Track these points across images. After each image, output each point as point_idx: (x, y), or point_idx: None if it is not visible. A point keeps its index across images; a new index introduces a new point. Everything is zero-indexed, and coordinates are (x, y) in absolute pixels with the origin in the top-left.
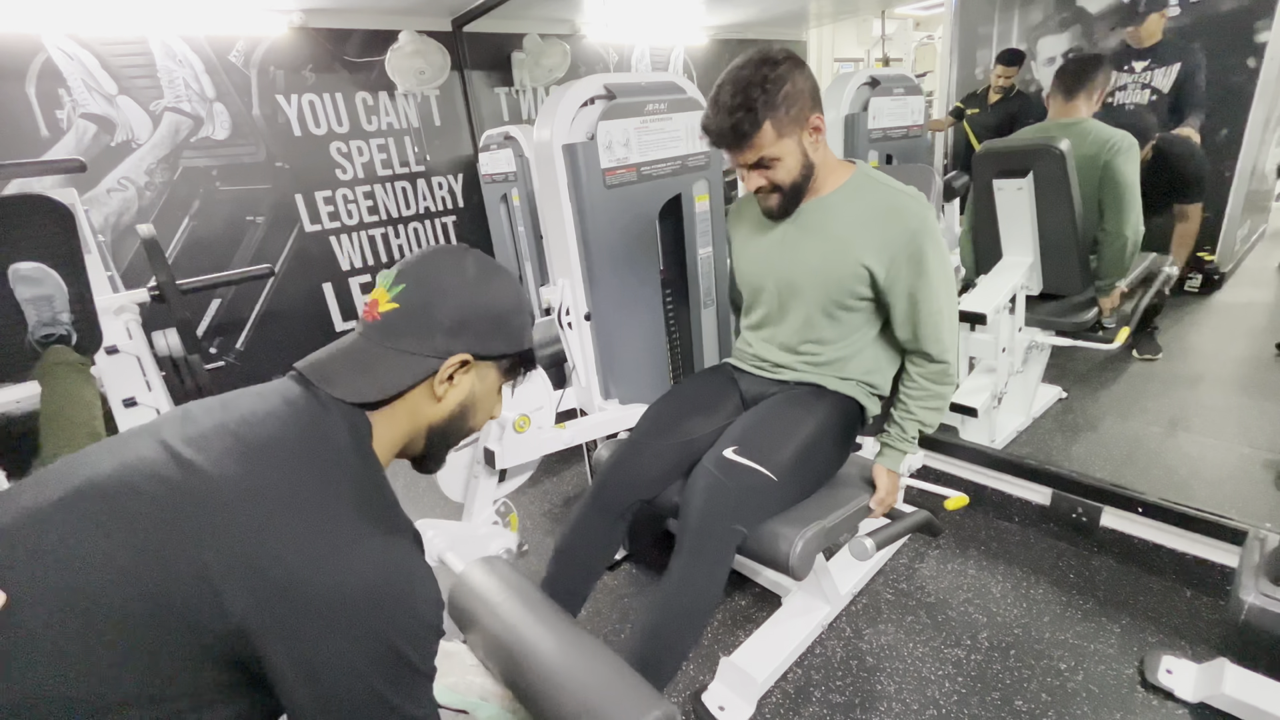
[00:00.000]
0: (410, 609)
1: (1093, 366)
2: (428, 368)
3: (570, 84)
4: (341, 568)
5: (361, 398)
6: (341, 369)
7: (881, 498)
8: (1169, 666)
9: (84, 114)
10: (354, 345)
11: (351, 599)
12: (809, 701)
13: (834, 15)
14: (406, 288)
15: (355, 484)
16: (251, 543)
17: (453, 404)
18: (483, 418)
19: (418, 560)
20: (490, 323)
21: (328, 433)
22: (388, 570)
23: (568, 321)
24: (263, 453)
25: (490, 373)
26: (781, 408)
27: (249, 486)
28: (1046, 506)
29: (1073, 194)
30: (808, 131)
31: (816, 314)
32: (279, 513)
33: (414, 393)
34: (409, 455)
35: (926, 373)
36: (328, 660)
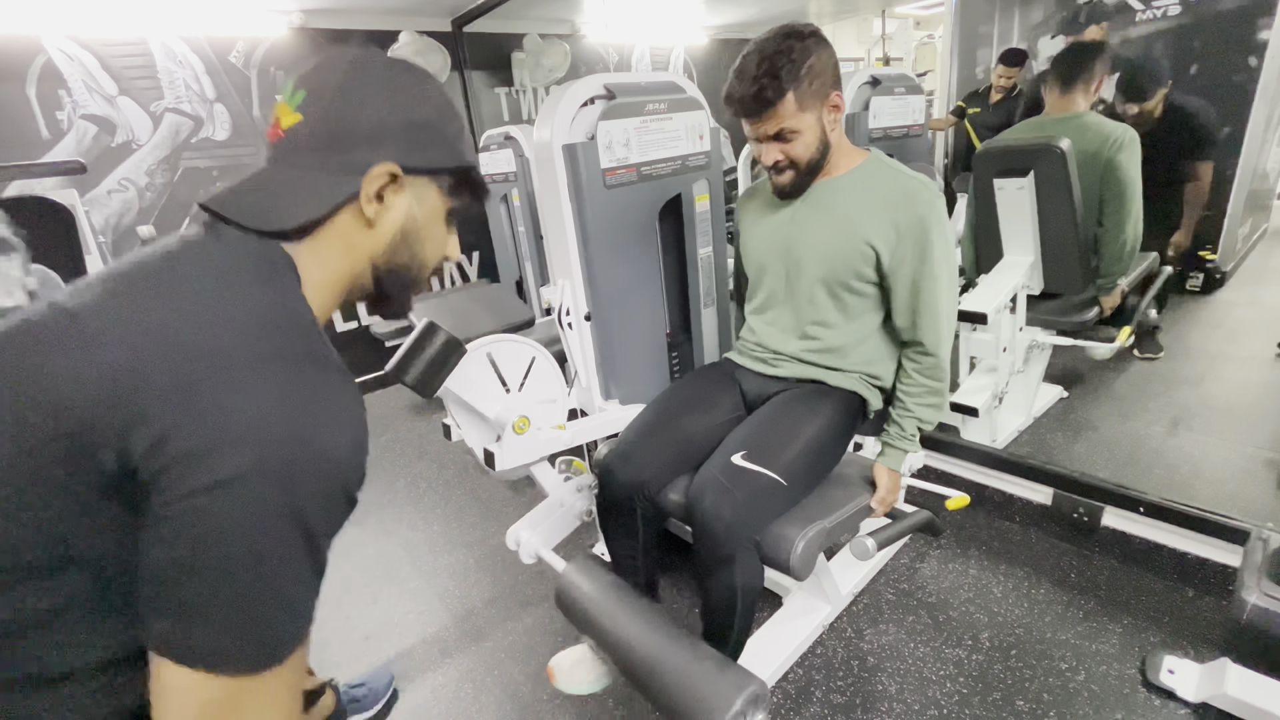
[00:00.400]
0: (314, 455)
1: (1094, 366)
2: (349, 186)
3: (570, 84)
4: (226, 396)
5: (275, 225)
6: (249, 197)
7: (882, 497)
8: (1171, 666)
9: (84, 115)
10: (261, 172)
11: (236, 434)
12: (810, 701)
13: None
14: (310, 95)
15: (250, 306)
16: (121, 370)
17: (390, 229)
18: (433, 251)
19: (336, 397)
20: (416, 128)
21: (225, 260)
22: (287, 403)
23: (568, 322)
24: (142, 280)
25: (429, 193)
26: (784, 409)
27: (121, 308)
28: (1048, 506)
29: (1074, 193)
30: (828, 109)
31: (821, 294)
32: (153, 329)
33: (340, 219)
34: (361, 298)
35: (921, 367)
36: (200, 503)
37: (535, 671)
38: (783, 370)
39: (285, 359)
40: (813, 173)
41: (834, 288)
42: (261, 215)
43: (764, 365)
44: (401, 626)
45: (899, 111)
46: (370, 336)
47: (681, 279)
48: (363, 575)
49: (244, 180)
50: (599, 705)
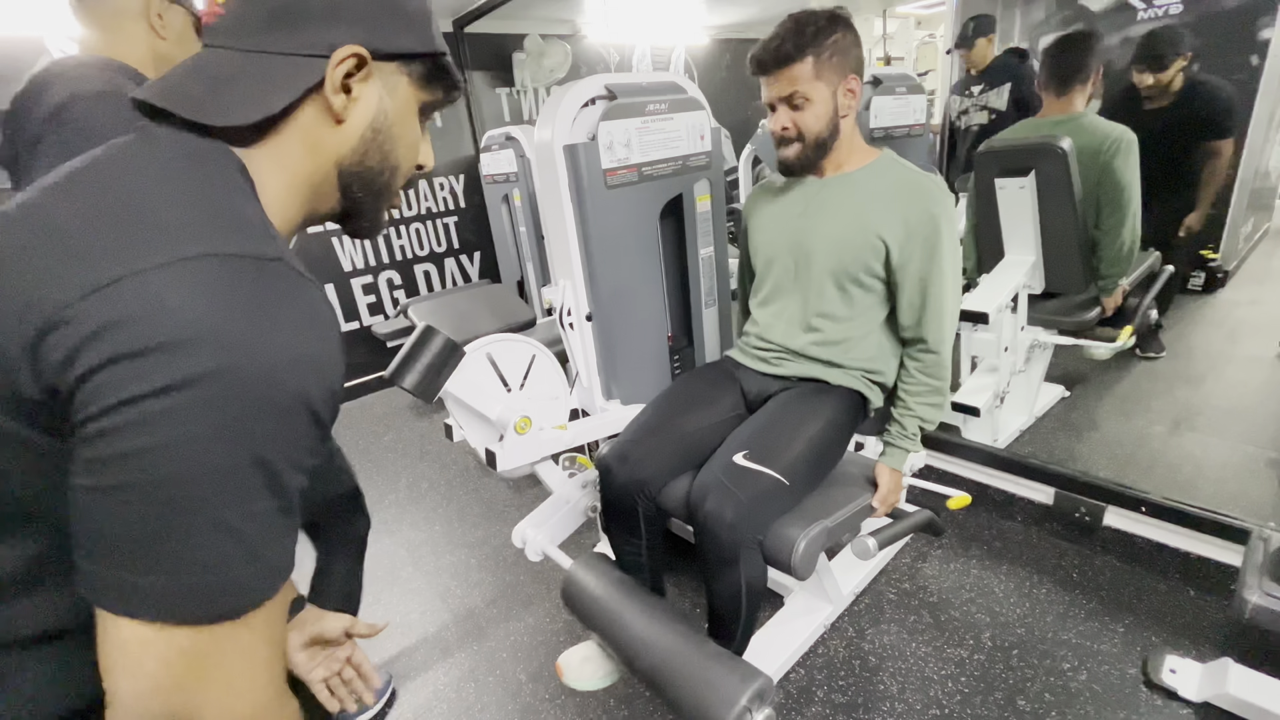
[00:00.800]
0: (268, 360)
1: (1095, 365)
2: (310, 71)
3: (571, 84)
4: (151, 294)
5: (221, 120)
6: (189, 87)
7: (883, 496)
8: (1173, 666)
9: None
10: (199, 58)
11: (164, 333)
12: (812, 701)
13: None
14: None
15: (182, 200)
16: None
17: (360, 126)
18: (405, 154)
19: (295, 299)
20: (380, 4)
21: (159, 165)
22: (233, 300)
23: (569, 322)
24: (58, 191)
25: (400, 83)
26: (785, 408)
27: (30, 222)
28: (1049, 506)
29: (1075, 193)
30: (844, 89)
31: (829, 286)
32: (69, 235)
33: (301, 115)
34: (327, 214)
35: (923, 365)
36: (123, 425)
37: (537, 671)
38: (784, 369)
39: (221, 257)
40: (820, 150)
41: (842, 280)
42: (205, 109)
43: (765, 364)
44: (404, 626)
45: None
46: (371, 336)
47: (683, 279)
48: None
49: (178, 69)
50: (600, 704)
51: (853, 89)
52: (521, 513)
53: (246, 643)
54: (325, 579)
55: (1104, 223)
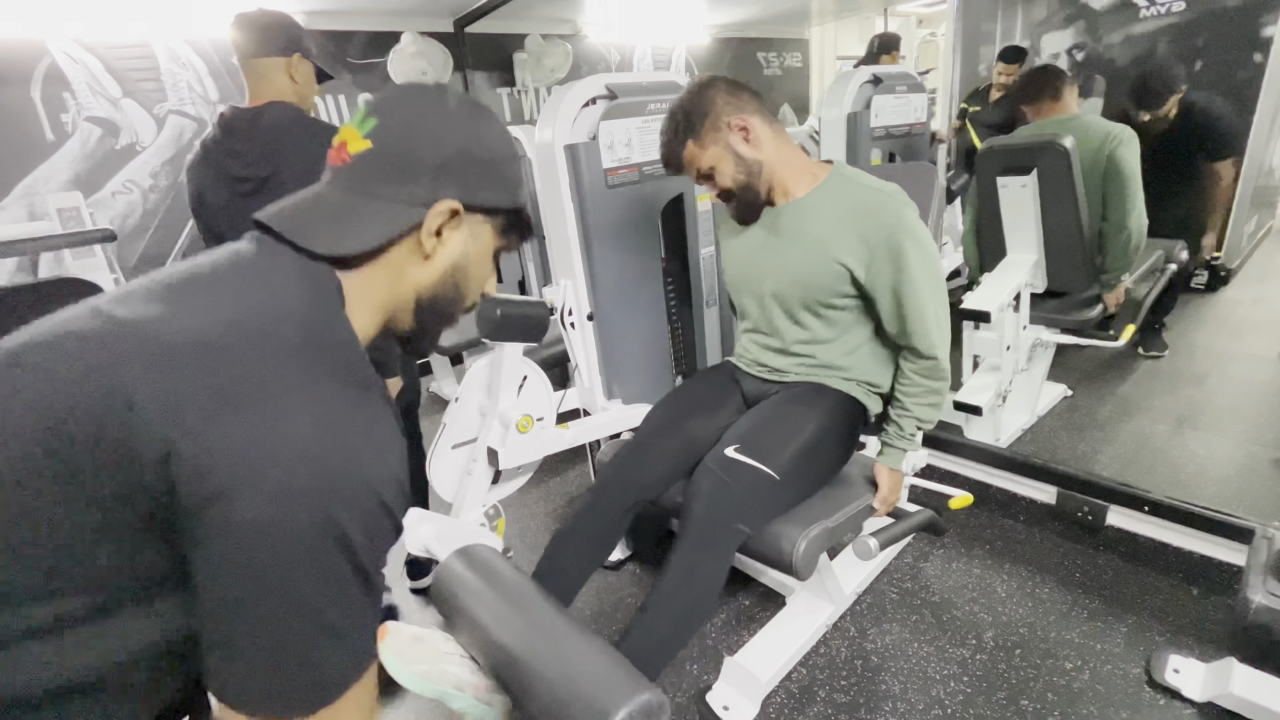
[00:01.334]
0: (356, 471)
1: (1098, 364)
2: (413, 217)
3: (572, 84)
4: (272, 414)
5: (333, 249)
6: (308, 219)
7: (884, 497)
8: (1176, 666)
9: (89, 117)
10: (322, 193)
11: (281, 451)
12: (813, 701)
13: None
14: (380, 124)
15: (303, 328)
16: (168, 378)
17: (443, 264)
18: (476, 288)
19: (378, 420)
20: (481, 166)
21: (278, 281)
22: (333, 423)
23: (570, 321)
24: (191, 295)
25: (484, 230)
26: (783, 406)
27: (169, 324)
28: (1052, 505)
29: (1077, 191)
30: (733, 132)
31: (804, 315)
32: (202, 347)
33: (397, 249)
34: (396, 332)
35: (918, 368)
36: (245, 517)
37: None
38: (784, 377)
39: (328, 383)
40: (752, 194)
41: (815, 308)
42: (320, 238)
43: (764, 374)
44: None
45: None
46: None
47: (684, 279)
48: None
49: (302, 199)
50: None
51: (744, 126)
52: (519, 511)
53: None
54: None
55: (1110, 214)
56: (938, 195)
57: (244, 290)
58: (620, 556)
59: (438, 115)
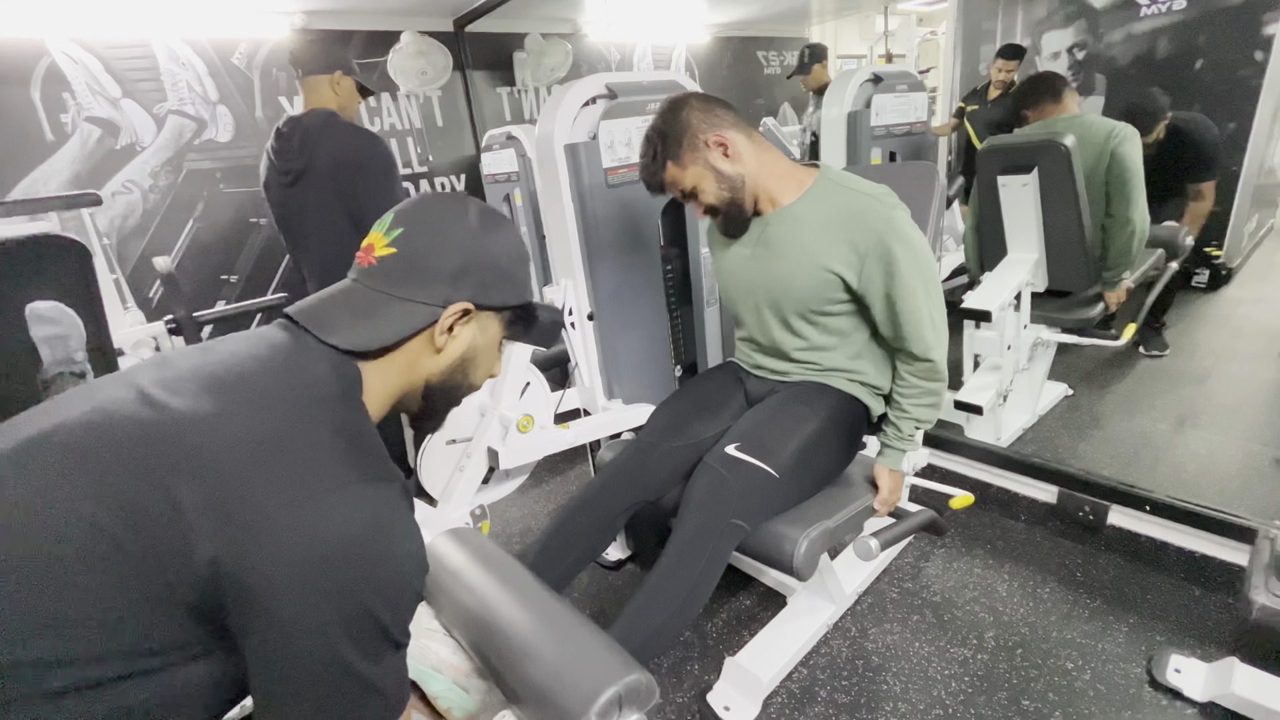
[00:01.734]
0: (390, 564)
1: (1099, 363)
2: (427, 316)
3: (572, 83)
4: (315, 513)
5: (356, 345)
6: (335, 314)
7: (884, 497)
8: (1177, 666)
9: (88, 117)
10: (348, 291)
11: (323, 546)
12: (814, 701)
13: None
14: (405, 232)
15: (336, 429)
16: (221, 481)
17: (453, 356)
18: (483, 374)
19: (403, 514)
20: (493, 272)
21: (311, 376)
22: (367, 520)
23: (571, 321)
24: (239, 392)
25: (492, 325)
26: (785, 405)
27: (221, 424)
28: (1053, 505)
29: (1078, 189)
30: (712, 149)
31: (800, 324)
32: (252, 451)
33: (412, 343)
34: (406, 412)
35: (915, 370)
36: (291, 613)
37: None
38: (786, 378)
39: (359, 483)
40: (737, 208)
41: (810, 317)
42: (346, 335)
43: (766, 372)
44: None
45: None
46: None
47: (684, 278)
48: None
49: (330, 297)
50: None
51: (721, 142)
52: (519, 509)
53: None
54: None
55: (1114, 209)
56: (938, 194)
57: (284, 386)
58: (620, 556)
59: (457, 226)
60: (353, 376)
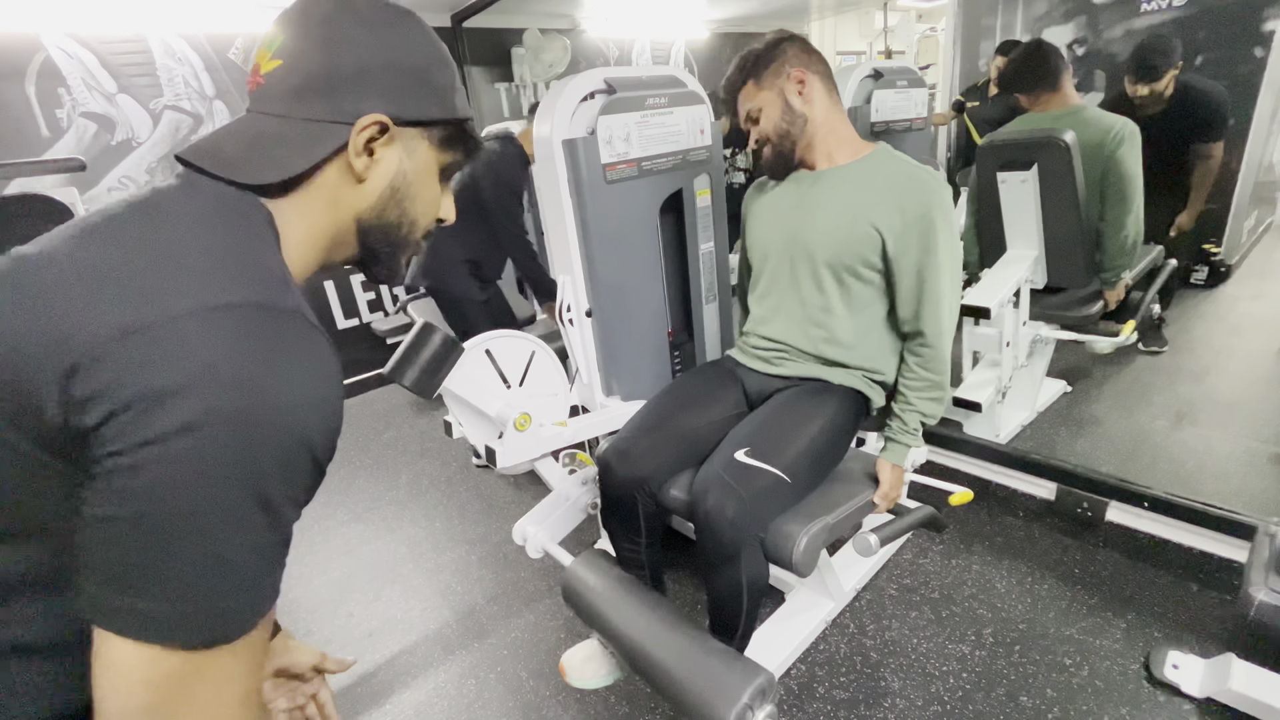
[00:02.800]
0: (269, 404)
1: (1098, 360)
2: (336, 136)
3: (570, 79)
4: (175, 333)
5: (254, 178)
6: (228, 148)
7: (885, 492)
8: (1175, 662)
9: (84, 113)
10: (241, 122)
11: (183, 379)
12: (813, 697)
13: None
14: (287, 39)
15: (211, 252)
16: (59, 316)
17: (379, 185)
18: (426, 211)
19: (298, 342)
20: (407, 75)
21: (193, 208)
22: (241, 346)
23: (569, 318)
24: (101, 231)
25: (420, 146)
26: (787, 406)
27: (71, 260)
28: (1051, 501)
29: (1078, 186)
30: (790, 82)
31: (827, 278)
32: (96, 278)
33: (325, 173)
34: (346, 260)
35: (921, 360)
36: (141, 451)
37: (538, 668)
38: (785, 369)
39: (244, 307)
40: (789, 145)
41: (840, 272)
42: (240, 167)
43: (766, 364)
44: (404, 624)
45: (901, 105)
46: (371, 333)
47: (683, 275)
48: (365, 572)
49: (221, 130)
50: (602, 700)
51: (801, 79)
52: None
53: (230, 669)
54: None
55: (1108, 214)
56: None
57: (156, 220)
58: None
59: (352, 23)
60: (254, 212)
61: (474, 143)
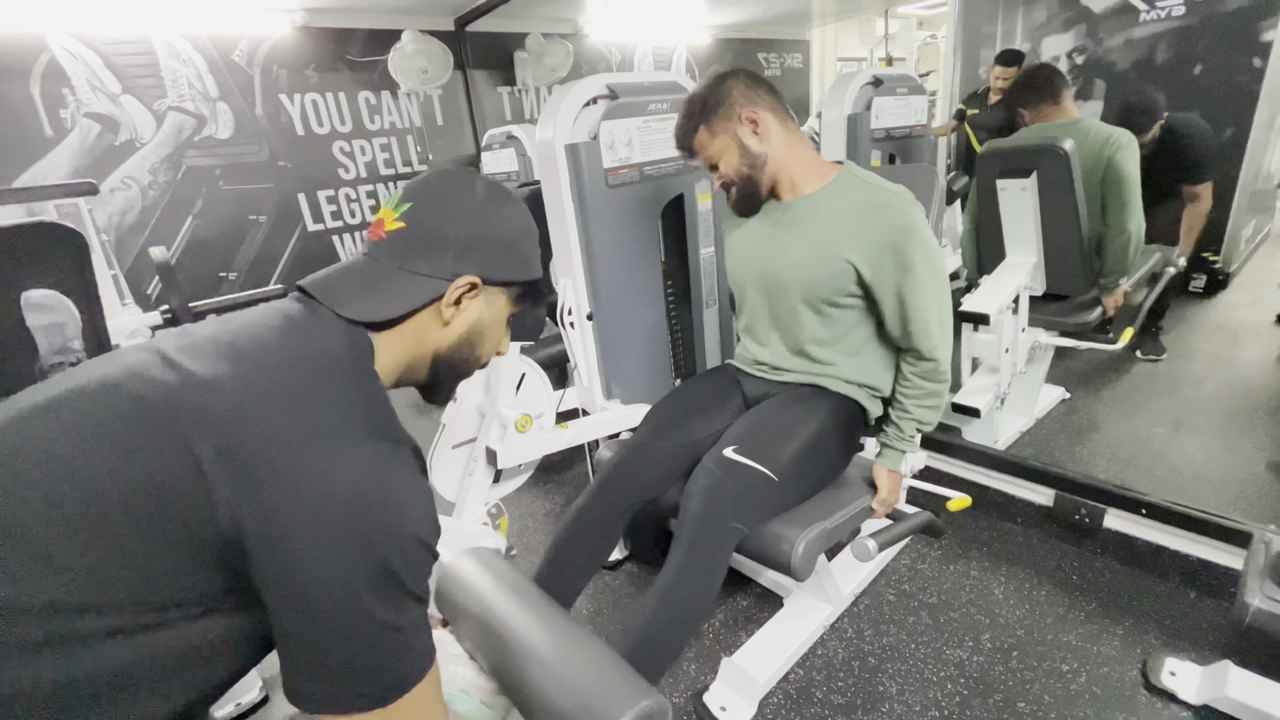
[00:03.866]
0: (400, 518)
1: (1096, 367)
2: (435, 289)
3: (573, 83)
4: (328, 467)
5: (365, 316)
6: (345, 286)
7: (883, 498)
8: (1172, 668)
9: (88, 113)
10: (359, 264)
11: (337, 500)
12: (810, 702)
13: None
14: (414, 206)
15: (349, 391)
16: (240, 437)
17: (460, 329)
18: (490, 349)
19: (412, 472)
20: (500, 246)
21: (325, 344)
22: (378, 475)
23: (570, 321)
24: (256, 356)
25: (499, 300)
26: (783, 407)
27: (239, 384)
28: (1049, 508)
29: (1077, 194)
30: (743, 123)
31: (806, 312)
32: (265, 406)
33: (420, 316)
34: (414, 383)
35: (919, 371)
36: (310, 565)
37: None
38: (784, 377)
39: (373, 438)
40: (753, 186)
41: (817, 305)
42: (356, 306)
43: (764, 374)
44: None
45: (901, 112)
46: None
47: (684, 279)
48: None
49: (342, 270)
50: None
51: (753, 118)
52: (519, 510)
53: (413, 708)
54: None
55: (1110, 218)
56: (938, 197)
57: (298, 350)
58: (618, 556)
59: (465, 200)
60: (364, 345)
61: (541, 295)
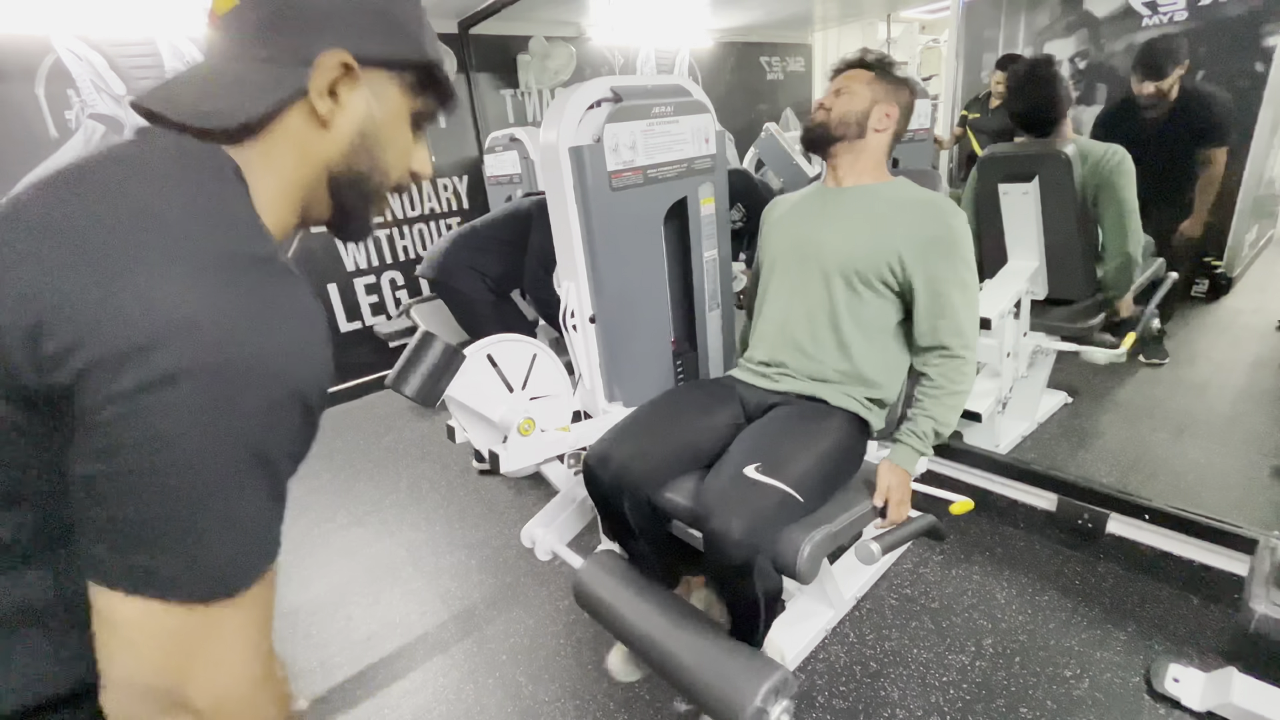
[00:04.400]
0: (258, 355)
1: (1098, 372)
2: (295, 78)
3: (576, 86)
4: (149, 292)
5: (211, 122)
6: (181, 92)
7: (897, 500)
8: (1176, 675)
9: (92, 115)
10: (195, 67)
11: (162, 330)
12: (812, 707)
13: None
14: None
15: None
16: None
17: (348, 131)
18: (396, 159)
19: (284, 296)
20: (368, 13)
21: (153, 161)
22: (226, 299)
23: (573, 324)
24: (55, 189)
25: (389, 90)
26: (792, 423)
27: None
28: (1052, 512)
29: (1078, 199)
30: (882, 109)
31: (838, 282)
32: (61, 234)
33: (290, 118)
34: (318, 218)
35: (943, 370)
36: (130, 404)
37: (537, 672)
38: (784, 384)
39: (218, 256)
40: (837, 136)
41: (851, 279)
42: (197, 111)
43: (765, 379)
44: (403, 627)
45: None
46: (373, 336)
47: (686, 282)
48: (365, 576)
49: (177, 74)
50: (600, 707)
51: (889, 113)
52: (522, 513)
53: (236, 623)
54: None
55: (1109, 242)
56: None
57: (115, 175)
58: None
59: None
60: (220, 162)
61: (447, 89)
